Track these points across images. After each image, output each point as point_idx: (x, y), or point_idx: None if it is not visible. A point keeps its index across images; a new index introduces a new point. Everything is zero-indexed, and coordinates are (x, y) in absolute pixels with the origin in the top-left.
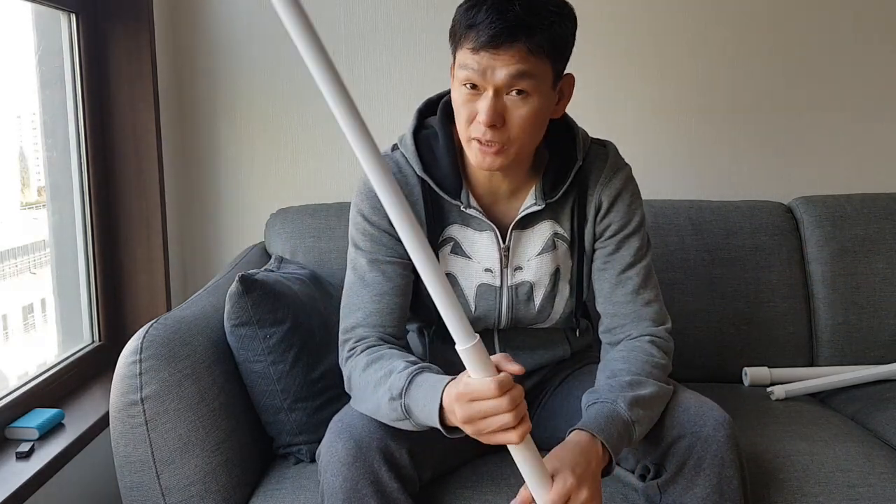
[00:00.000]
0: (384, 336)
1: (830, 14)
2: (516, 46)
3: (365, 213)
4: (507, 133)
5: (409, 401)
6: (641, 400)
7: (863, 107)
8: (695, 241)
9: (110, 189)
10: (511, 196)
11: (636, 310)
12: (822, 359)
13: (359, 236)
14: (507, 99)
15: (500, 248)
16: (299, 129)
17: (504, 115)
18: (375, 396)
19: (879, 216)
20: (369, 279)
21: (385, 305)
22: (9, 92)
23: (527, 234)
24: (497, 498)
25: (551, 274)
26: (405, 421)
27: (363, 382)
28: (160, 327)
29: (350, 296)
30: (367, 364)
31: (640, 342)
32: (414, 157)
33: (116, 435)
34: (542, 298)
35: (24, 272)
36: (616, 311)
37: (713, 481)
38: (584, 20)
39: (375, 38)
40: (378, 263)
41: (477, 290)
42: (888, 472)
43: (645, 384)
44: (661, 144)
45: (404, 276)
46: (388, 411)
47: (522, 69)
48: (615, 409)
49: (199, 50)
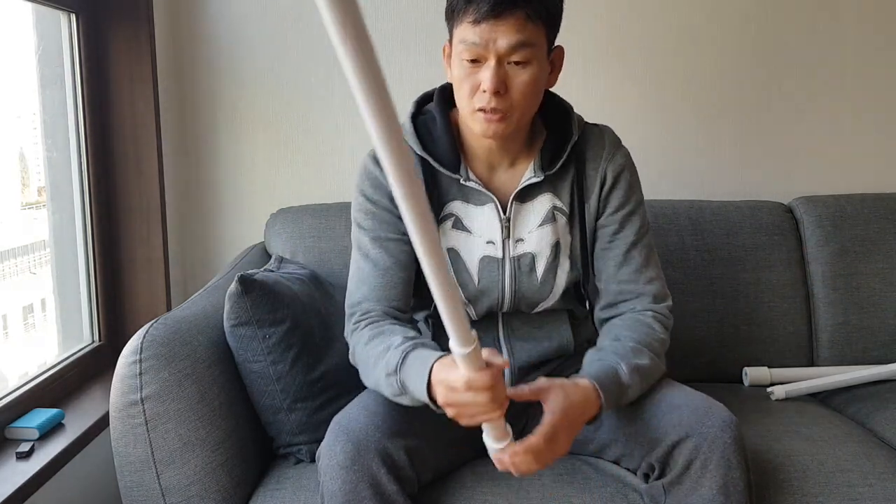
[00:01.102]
0: (388, 310)
1: (831, 14)
2: (516, 14)
3: (366, 192)
4: (510, 100)
5: (403, 377)
6: (640, 369)
7: (863, 107)
8: (695, 241)
9: (110, 189)
10: (510, 169)
11: (640, 287)
12: (821, 359)
13: (361, 216)
14: (508, 68)
15: (500, 219)
16: (300, 129)
17: (506, 83)
18: (376, 371)
19: (879, 216)
20: (373, 256)
21: (389, 280)
22: (9, 92)
23: (527, 206)
24: (497, 498)
25: (552, 245)
26: (403, 396)
27: (365, 356)
28: (160, 327)
29: (355, 273)
30: (369, 339)
31: (644, 316)
32: (413, 138)
33: (116, 435)
34: (544, 270)
35: (24, 272)
36: (620, 289)
37: (719, 482)
38: (583, 20)
39: (382, 38)
40: (380, 241)
41: (479, 263)
42: (888, 472)
43: (645, 355)
44: (661, 144)
45: (407, 253)
46: (386, 386)
47: (522, 38)
48: (617, 372)
49: (200, 50)
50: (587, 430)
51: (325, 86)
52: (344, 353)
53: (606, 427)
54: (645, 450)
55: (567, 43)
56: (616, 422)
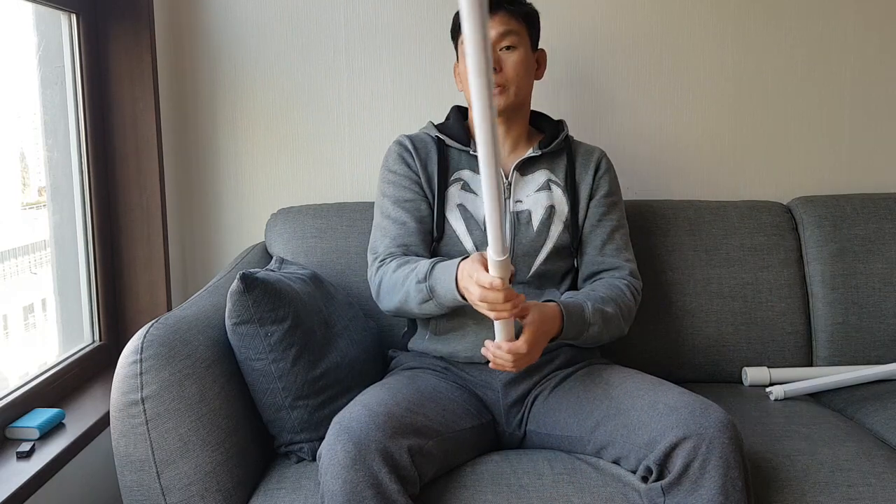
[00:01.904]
0: (408, 253)
1: (831, 13)
2: (501, 11)
3: (392, 167)
4: (506, 76)
5: (432, 281)
6: (605, 315)
7: (863, 107)
8: (694, 241)
9: (110, 189)
10: (511, 153)
11: (619, 262)
12: (821, 359)
13: (385, 186)
14: (501, 53)
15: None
16: (300, 129)
17: (500, 63)
18: (405, 286)
19: (879, 216)
20: (394, 215)
21: (408, 230)
22: (9, 92)
23: (526, 178)
24: (497, 498)
25: (546, 207)
26: (430, 302)
27: (394, 279)
28: (161, 327)
29: (377, 232)
30: (397, 266)
31: (620, 283)
32: (431, 127)
33: (117, 435)
34: (539, 223)
35: (24, 272)
36: (604, 261)
37: (718, 483)
38: (585, 17)
39: (382, 38)
40: (400, 202)
41: (484, 218)
42: (888, 472)
43: (611, 305)
44: (661, 144)
45: (423, 210)
46: (415, 294)
47: (509, 28)
48: (583, 308)
49: (200, 49)
50: (584, 430)
51: (325, 85)
52: (345, 351)
53: (604, 427)
54: (642, 451)
55: (567, 43)
56: (613, 422)
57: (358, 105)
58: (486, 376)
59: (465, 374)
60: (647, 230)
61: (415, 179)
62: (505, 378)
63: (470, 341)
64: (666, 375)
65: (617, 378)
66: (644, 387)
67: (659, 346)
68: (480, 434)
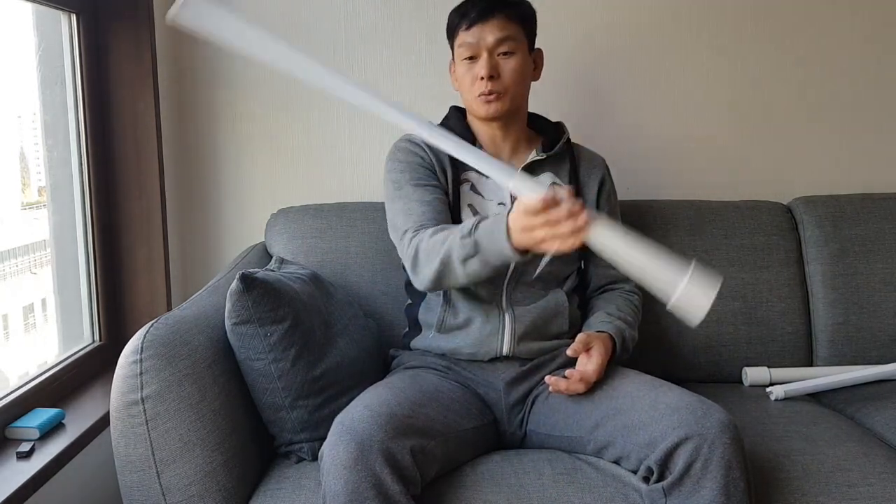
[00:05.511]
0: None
1: (830, 14)
2: (498, 16)
3: (401, 158)
4: (503, 83)
5: (478, 235)
6: (633, 338)
7: (863, 107)
8: (694, 241)
9: (111, 189)
10: (512, 154)
11: (624, 275)
12: (821, 359)
13: (397, 174)
14: (498, 59)
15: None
16: (300, 130)
17: (498, 69)
18: (446, 244)
19: (879, 216)
20: (416, 196)
21: (432, 207)
22: (9, 92)
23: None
24: (497, 498)
25: None
26: (474, 259)
27: (433, 242)
28: (161, 327)
29: (399, 215)
30: (434, 231)
31: (630, 296)
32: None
33: (117, 435)
34: None
35: (24, 272)
36: (614, 274)
37: (720, 483)
38: (585, 18)
39: (381, 39)
40: (420, 184)
41: None
42: (888, 472)
43: (635, 328)
44: (661, 144)
45: (442, 192)
46: (458, 249)
47: (506, 33)
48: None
49: (200, 50)
50: (585, 430)
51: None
52: (345, 351)
53: (605, 427)
54: (643, 451)
55: (567, 43)
56: (614, 422)
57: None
58: (489, 375)
59: (468, 372)
60: (647, 230)
61: (431, 170)
62: (507, 377)
63: (474, 338)
64: (666, 375)
65: (617, 378)
66: (645, 387)
67: (659, 346)
68: (482, 434)
